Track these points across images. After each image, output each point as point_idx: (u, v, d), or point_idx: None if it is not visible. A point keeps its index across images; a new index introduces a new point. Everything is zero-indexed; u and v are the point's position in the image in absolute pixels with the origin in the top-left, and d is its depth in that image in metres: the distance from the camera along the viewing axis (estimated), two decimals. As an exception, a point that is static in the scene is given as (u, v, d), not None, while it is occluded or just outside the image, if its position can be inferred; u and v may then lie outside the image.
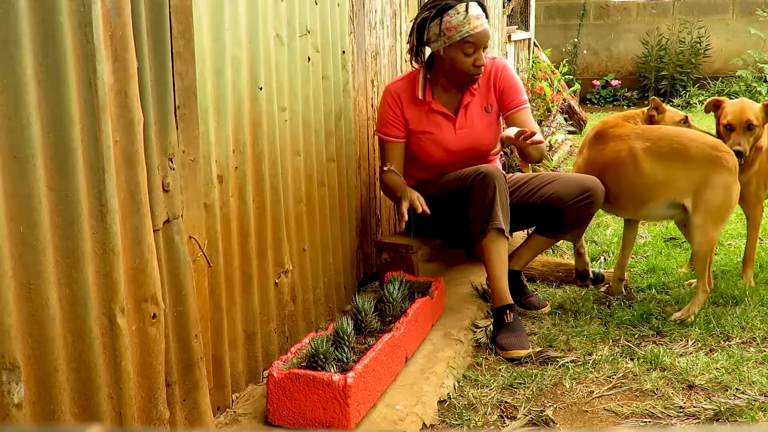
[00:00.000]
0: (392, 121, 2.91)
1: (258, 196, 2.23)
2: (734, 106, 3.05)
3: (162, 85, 1.69)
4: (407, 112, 2.90)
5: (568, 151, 5.86)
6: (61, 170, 1.42)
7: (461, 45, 2.76)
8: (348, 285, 2.96)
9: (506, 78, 2.92)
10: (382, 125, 2.94)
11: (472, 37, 2.74)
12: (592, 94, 10.31)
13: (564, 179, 2.91)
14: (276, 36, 2.30)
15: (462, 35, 2.74)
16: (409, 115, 2.90)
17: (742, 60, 9.19)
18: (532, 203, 2.91)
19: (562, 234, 2.97)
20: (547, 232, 2.96)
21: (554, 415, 2.20)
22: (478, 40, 2.75)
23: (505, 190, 2.67)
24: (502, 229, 2.63)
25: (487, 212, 2.64)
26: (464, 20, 2.73)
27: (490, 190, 2.63)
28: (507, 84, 2.91)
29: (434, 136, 2.90)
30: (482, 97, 2.93)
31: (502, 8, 5.84)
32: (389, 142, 2.93)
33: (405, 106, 2.90)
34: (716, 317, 2.83)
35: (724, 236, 3.94)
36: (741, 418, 2.13)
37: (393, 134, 2.92)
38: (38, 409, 1.40)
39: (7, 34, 1.31)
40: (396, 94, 2.91)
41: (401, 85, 2.94)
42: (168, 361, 1.74)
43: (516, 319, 2.66)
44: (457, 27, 2.74)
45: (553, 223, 2.92)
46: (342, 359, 2.07)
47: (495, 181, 2.63)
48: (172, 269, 1.76)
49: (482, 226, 2.66)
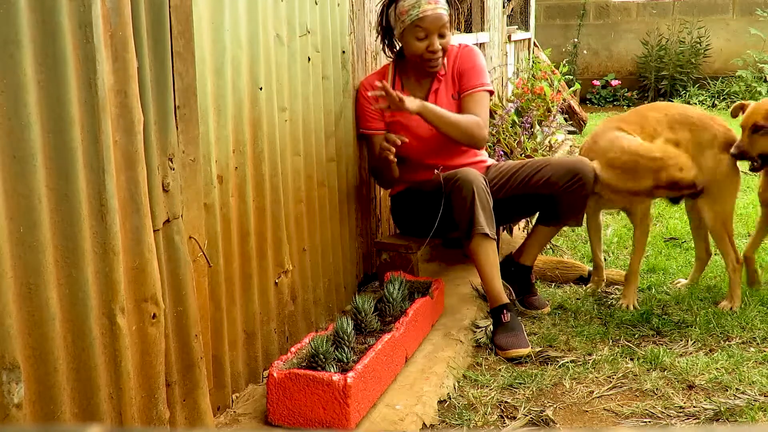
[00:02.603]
0: (370, 114, 2.91)
1: (258, 196, 2.23)
2: (751, 106, 2.90)
3: (162, 85, 1.69)
4: (381, 102, 2.90)
5: (568, 151, 5.85)
6: (61, 170, 1.42)
7: (412, 29, 2.75)
8: (348, 285, 2.96)
9: (464, 61, 2.91)
10: (363, 122, 2.94)
11: (422, 21, 2.73)
12: (592, 94, 10.31)
13: (553, 164, 2.86)
14: (276, 36, 2.30)
15: (412, 18, 2.74)
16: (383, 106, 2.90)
17: (742, 60, 9.19)
18: (526, 192, 2.89)
19: (564, 221, 2.94)
20: (548, 222, 2.94)
21: (554, 415, 2.20)
22: (428, 25, 2.73)
23: (484, 192, 2.65)
24: (486, 233, 2.63)
25: (468, 218, 2.63)
26: (415, 3, 2.73)
27: (469, 196, 2.62)
28: (464, 67, 2.90)
29: (406, 125, 2.89)
30: (449, 83, 2.92)
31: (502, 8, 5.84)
32: (371, 135, 2.93)
33: (379, 98, 2.90)
34: (716, 317, 2.83)
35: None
36: (741, 418, 2.13)
37: (375, 126, 2.92)
38: (38, 409, 1.40)
39: (7, 34, 1.31)
40: (369, 86, 2.90)
41: (373, 78, 2.94)
42: (168, 361, 1.74)
43: (513, 318, 2.66)
44: (407, 11, 2.74)
45: (551, 211, 2.90)
46: (342, 359, 2.07)
47: (472, 185, 2.62)
48: (172, 269, 1.76)
49: (467, 231, 2.66)
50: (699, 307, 2.95)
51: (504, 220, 3.09)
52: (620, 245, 3.82)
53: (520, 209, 3.00)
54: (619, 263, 3.55)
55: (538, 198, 2.89)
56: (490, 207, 2.67)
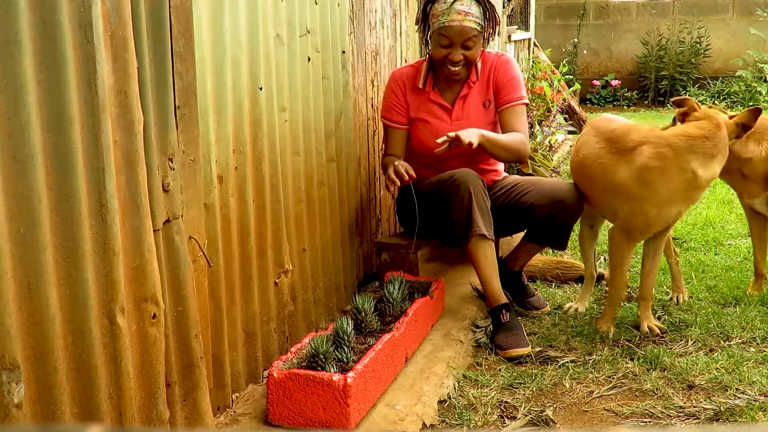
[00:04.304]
0: (395, 107, 2.92)
1: (258, 196, 2.23)
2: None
3: (162, 85, 1.69)
4: (409, 98, 2.91)
5: (567, 152, 5.85)
6: (61, 170, 1.42)
7: (437, 35, 2.75)
8: (348, 285, 2.96)
9: (503, 73, 2.89)
10: (386, 110, 2.95)
11: (447, 30, 2.71)
12: (592, 94, 10.31)
13: (538, 189, 2.81)
14: (276, 36, 2.30)
15: (439, 24, 2.73)
16: (410, 101, 2.91)
17: (742, 60, 9.18)
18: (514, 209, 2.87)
19: (546, 245, 2.94)
20: (533, 240, 2.93)
21: (554, 415, 2.20)
22: (451, 35, 2.71)
23: (482, 193, 2.64)
24: (483, 234, 2.63)
25: (465, 219, 2.63)
26: (446, 10, 2.71)
27: (466, 197, 2.61)
28: (503, 79, 2.89)
29: (430, 125, 2.89)
30: (481, 91, 2.91)
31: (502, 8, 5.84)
32: (392, 128, 2.94)
33: (407, 92, 2.91)
34: (716, 317, 2.83)
35: (724, 236, 3.94)
36: (741, 418, 2.13)
37: (396, 120, 2.93)
38: (38, 409, 1.40)
39: (7, 34, 1.31)
40: (400, 79, 2.92)
41: (406, 71, 2.94)
42: (168, 361, 1.74)
43: (513, 318, 2.66)
44: (438, 15, 2.73)
45: (535, 232, 2.88)
46: (342, 359, 2.07)
47: (469, 187, 2.61)
48: (172, 269, 1.76)
49: (464, 232, 2.65)
50: (699, 307, 2.95)
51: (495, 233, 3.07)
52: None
53: (508, 226, 2.95)
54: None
55: (519, 220, 2.86)
56: (487, 208, 2.67)
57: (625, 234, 2.65)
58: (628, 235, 2.65)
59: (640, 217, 2.58)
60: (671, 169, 2.50)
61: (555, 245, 2.92)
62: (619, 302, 2.79)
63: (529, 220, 2.84)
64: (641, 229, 2.62)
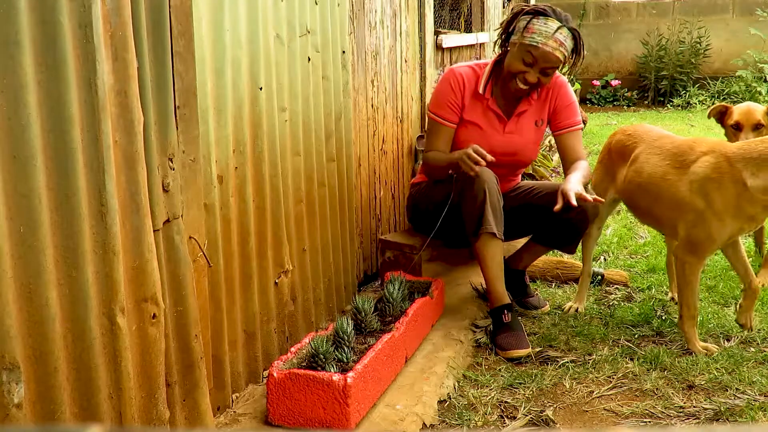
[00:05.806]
0: (451, 105, 2.85)
1: (258, 197, 2.23)
2: (742, 108, 3.17)
3: (162, 85, 1.69)
4: (467, 100, 2.86)
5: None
6: (61, 170, 1.42)
7: (525, 49, 2.70)
8: (348, 285, 2.96)
9: (563, 97, 2.88)
10: (438, 106, 2.87)
11: (536, 50, 2.68)
12: (592, 94, 10.30)
13: (556, 189, 2.76)
14: (276, 36, 2.30)
15: (531, 41, 2.68)
16: (467, 103, 2.86)
17: (742, 60, 9.18)
18: (527, 203, 2.87)
19: (555, 247, 2.95)
20: (541, 242, 2.94)
21: (554, 415, 2.20)
22: (538, 56, 2.69)
23: (496, 192, 2.64)
24: (494, 233, 2.63)
25: (477, 216, 2.62)
26: (545, 33, 2.68)
27: (480, 194, 2.61)
28: (563, 102, 2.88)
29: (483, 131, 2.86)
30: (537, 110, 2.89)
31: (502, 8, 5.84)
32: (443, 125, 2.87)
33: (466, 94, 2.86)
34: (716, 317, 2.83)
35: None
36: (741, 418, 2.13)
37: (448, 118, 2.86)
38: (38, 409, 1.40)
39: (7, 34, 1.31)
40: (461, 78, 2.86)
41: (467, 72, 2.89)
42: (168, 361, 1.75)
43: (514, 318, 2.66)
44: (535, 33, 2.69)
45: (545, 234, 2.88)
46: (342, 359, 2.07)
47: (485, 185, 2.60)
48: (172, 269, 1.77)
49: (474, 229, 2.65)
50: (699, 307, 2.94)
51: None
52: (620, 245, 3.82)
53: (520, 227, 2.93)
54: (619, 263, 3.55)
55: (535, 219, 2.86)
56: (500, 207, 2.65)
57: (692, 251, 2.57)
58: (695, 251, 2.56)
59: (701, 230, 2.51)
60: (727, 182, 2.45)
61: (565, 248, 2.91)
62: (696, 321, 2.65)
63: (544, 219, 2.81)
64: (705, 244, 2.53)
